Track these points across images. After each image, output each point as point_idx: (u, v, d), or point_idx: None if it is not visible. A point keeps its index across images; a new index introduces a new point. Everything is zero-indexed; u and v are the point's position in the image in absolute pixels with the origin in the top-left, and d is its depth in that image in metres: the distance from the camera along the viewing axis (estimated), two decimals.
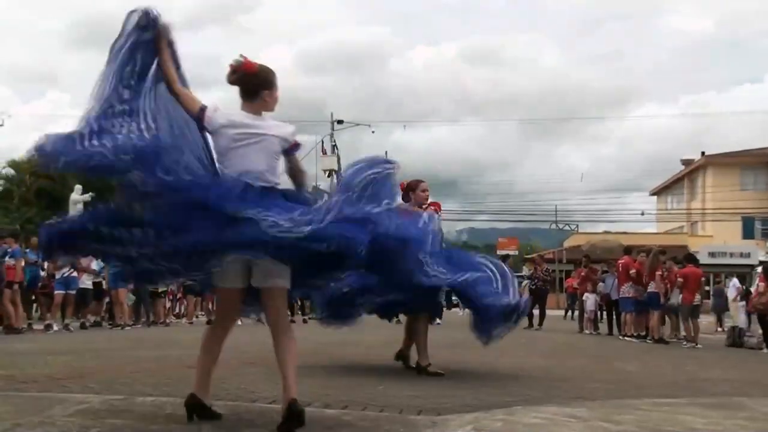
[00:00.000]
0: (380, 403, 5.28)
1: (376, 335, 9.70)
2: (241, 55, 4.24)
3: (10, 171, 36.73)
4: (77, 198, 23.79)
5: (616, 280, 16.59)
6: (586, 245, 43.74)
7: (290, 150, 4.29)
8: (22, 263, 14.29)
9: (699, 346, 13.93)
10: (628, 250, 17.28)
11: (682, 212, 54.72)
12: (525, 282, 20.00)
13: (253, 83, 4.23)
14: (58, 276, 15.34)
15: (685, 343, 14.23)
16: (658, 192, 61.03)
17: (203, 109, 4.14)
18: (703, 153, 51.82)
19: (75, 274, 15.34)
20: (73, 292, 15.44)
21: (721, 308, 21.83)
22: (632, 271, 15.66)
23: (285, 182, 4.26)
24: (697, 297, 14.52)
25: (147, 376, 6.63)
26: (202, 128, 4.21)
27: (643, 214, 55.81)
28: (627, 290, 15.79)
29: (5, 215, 32.43)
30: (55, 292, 15.38)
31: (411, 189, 8.01)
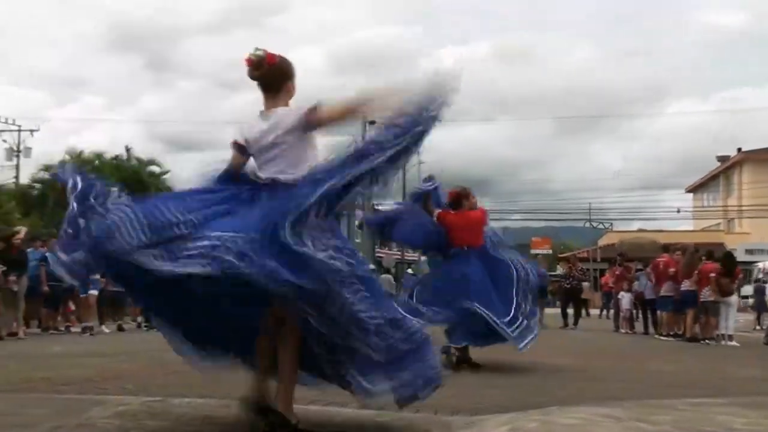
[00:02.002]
0: (415, 404, 5.27)
1: None
2: (258, 48, 4.05)
3: (46, 175, 37.10)
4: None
5: (652, 278, 16.44)
6: (618, 243, 43.37)
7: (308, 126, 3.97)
8: None
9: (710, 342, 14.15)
10: (666, 248, 17.06)
11: (718, 209, 54.13)
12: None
13: (277, 75, 4.06)
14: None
15: (723, 341, 14.10)
16: (694, 189, 60.43)
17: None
18: (739, 149, 51.15)
19: (97, 276, 15.25)
20: (95, 293, 15.31)
21: (761, 306, 21.57)
22: (672, 270, 15.47)
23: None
24: (706, 292, 14.39)
25: (182, 377, 6.66)
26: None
27: (678, 211, 55.30)
28: (667, 289, 15.58)
29: (41, 218, 32.79)
30: (81, 295, 15.30)
31: (465, 197, 8.63)
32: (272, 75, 4.05)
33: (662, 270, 15.90)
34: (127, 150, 39.84)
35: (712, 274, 14.36)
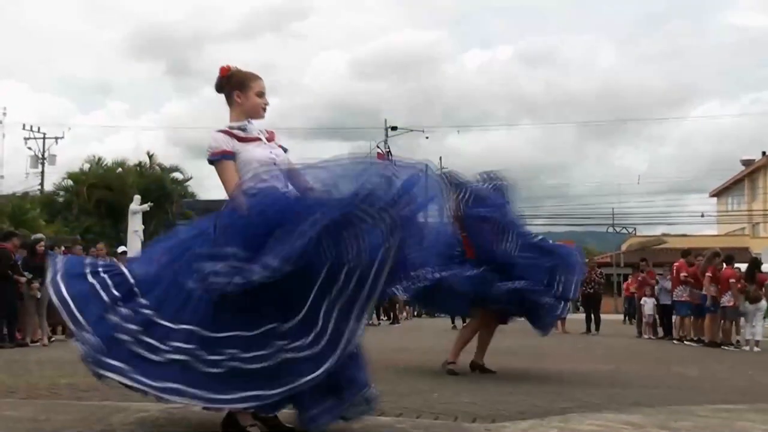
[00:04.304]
0: (435, 411, 5.28)
1: (432, 341, 9.69)
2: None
3: (70, 183, 37.40)
4: (136, 208, 24.20)
5: (670, 283, 16.44)
6: (628, 246, 43.15)
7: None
8: None
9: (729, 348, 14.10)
10: (685, 253, 16.93)
11: (743, 213, 53.65)
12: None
13: (226, 86, 4.18)
14: None
15: (747, 347, 13.99)
16: (718, 193, 59.93)
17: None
18: (764, 153, 50.67)
19: None
20: None
21: None
22: (683, 275, 15.43)
23: None
24: (726, 298, 14.33)
25: None
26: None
27: (703, 215, 54.80)
28: (680, 294, 15.54)
29: (65, 225, 33.08)
30: None
31: None
32: (222, 86, 4.20)
33: (675, 275, 15.89)
34: (149, 156, 40.01)
35: (732, 280, 14.28)
